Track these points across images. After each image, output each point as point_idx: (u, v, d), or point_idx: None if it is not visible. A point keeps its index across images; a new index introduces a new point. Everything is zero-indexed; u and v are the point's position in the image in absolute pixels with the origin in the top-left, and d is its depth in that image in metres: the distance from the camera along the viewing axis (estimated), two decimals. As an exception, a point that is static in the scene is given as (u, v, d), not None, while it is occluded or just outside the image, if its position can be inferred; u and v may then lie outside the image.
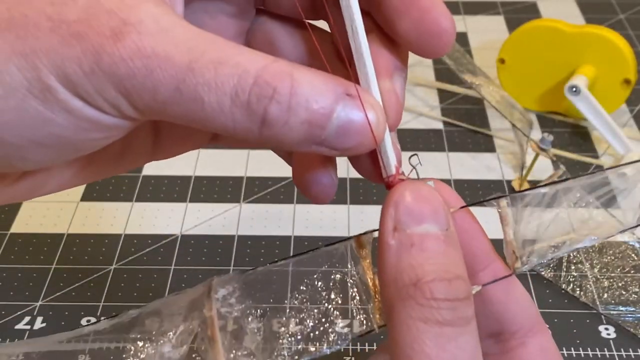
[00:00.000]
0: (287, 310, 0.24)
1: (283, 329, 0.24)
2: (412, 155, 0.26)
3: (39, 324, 0.45)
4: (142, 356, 0.23)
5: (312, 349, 0.23)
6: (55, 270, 0.48)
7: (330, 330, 0.24)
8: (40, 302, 0.46)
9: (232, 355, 0.22)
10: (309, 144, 0.22)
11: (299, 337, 0.23)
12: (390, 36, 0.25)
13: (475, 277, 0.25)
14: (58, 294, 0.47)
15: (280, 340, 0.23)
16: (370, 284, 0.24)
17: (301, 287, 0.24)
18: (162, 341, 0.23)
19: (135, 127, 0.23)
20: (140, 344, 0.23)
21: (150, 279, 0.48)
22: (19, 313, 0.46)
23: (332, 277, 0.24)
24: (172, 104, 0.21)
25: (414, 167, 0.25)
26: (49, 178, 0.27)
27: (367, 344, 0.44)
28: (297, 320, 0.24)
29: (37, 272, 0.48)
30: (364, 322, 0.24)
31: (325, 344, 0.23)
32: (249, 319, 0.24)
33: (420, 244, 0.22)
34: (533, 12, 0.77)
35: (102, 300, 0.46)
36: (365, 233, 0.25)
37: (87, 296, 0.47)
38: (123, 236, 0.51)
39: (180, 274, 0.48)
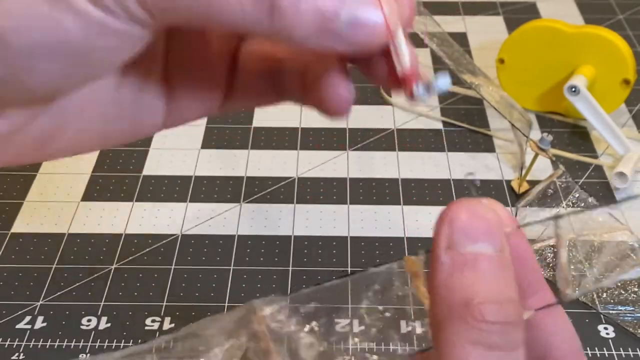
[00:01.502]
0: (341, 325, 0.24)
1: (340, 341, 0.24)
2: (469, 177, 0.24)
3: (39, 323, 0.45)
4: None
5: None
6: (56, 269, 0.49)
7: (389, 343, 0.23)
8: (41, 302, 0.46)
9: None
10: (320, 36, 0.21)
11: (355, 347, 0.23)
12: None
13: (525, 302, 0.24)
14: (59, 293, 0.47)
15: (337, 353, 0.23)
16: (425, 301, 0.23)
17: (351, 304, 0.24)
18: (207, 357, 0.22)
19: (147, 45, 0.23)
20: None
21: (151, 279, 0.48)
22: (19, 312, 0.46)
23: (385, 293, 0.24)
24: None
25: (472, 183, 0.24)
26: (62, 125, 0.25)
27: (367, 344, 0.44)
28: (353, 334, 0.24)
29: (38, 271, 0.48)
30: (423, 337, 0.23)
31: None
32: (301, 334, 0.23)
33: (474, 264, 0.21)
34: (532, 12, 0.78)
35: (103, 300, 0.47)
36: (417, 255, 0.24)
37: (88, 296, 0.47)
38: (123, 236, 0.51)
39: (181, 274, 0.48)
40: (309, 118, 0.63)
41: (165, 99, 0.28)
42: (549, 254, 0.48)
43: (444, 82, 0.23)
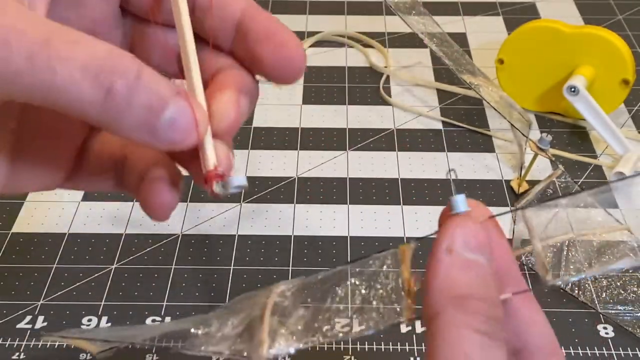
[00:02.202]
0: (330, 301, 0.27)
1: (326, 315, 0.27)
2: (450, 170, 0.27)
3: (40, 323, 0.45)
4: (205, 330, 0.27)
5: (344, 330, 0.27)
6: (57, 269, 0.49)
7: (363, 318, 0.27)
8: (41, 302, 0.47)
9: (274, 331, 0.26)
10: (143, 130, 0.24)
11: (337, 322, 0.27)
12: (250, 64, 0.29)
13: (503, 291, 0.26)
14: (59, 293, 0.47)
15: (321, 324, 0.27)
16: (406, 284, 0.26)
17: (346, 284, 0.28)
18: (226, 325, 0.27)
19: None
20: (203, 329, 0.27)
21: (151, 279, 0.48)
22: (20, 312, 0.46)
23: (373, 276, 0.27)
24: (25, 74, 0.22)
25: (452, 180, 0.27)
26: None
27: (366, 343, 0.44)
28: (338, 310, 0.27)
29: (39, 271, 0.49)
30: (395, 316, 0.27)
31: (357, 328, 0.27)
32: (298, 308, 0.27)
33: (474, 268, 0.24)
34: (532, 12, 0.78)
35: (103, 300, 0.47)
36: (409, 243, 0.27)
37: (88, 295, 0.47)
38: (124, 236, 0.51)
39: (181, 274, 0.48)
40: (309, 118, 0.63)
41: (8, 165, 0.28)
42: (548, 254, 0.48)
43: (238, 180, 0.27)
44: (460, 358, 0.23)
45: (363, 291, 0.27)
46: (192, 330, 0.28)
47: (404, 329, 0.45)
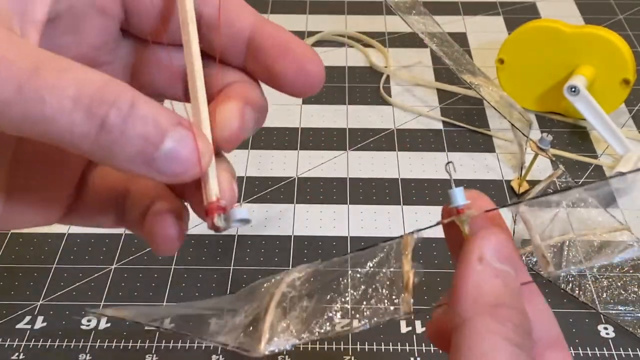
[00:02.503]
0: (332, 293, 0.28)
1: (326, 308, 0.27)
2: (448, 163, 0.27)
3: (39, 323, 0.45)
4: (219, 320, 0.28)
5: (341, 326, 0.27)
6: (56, 269, 0.49)
7: (362, 313, 0.28)
8: (41, 302, 0.46)
9: (275, 325, 0.26)
10: (140, 162, 0.23)
11: (335, 317, 0.28)
12: (267, 80, 0.28)
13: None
14: (59, 293, 0.47)
15: (319, 318, 0.27)
16: (405, 277, 0.27)
17: (349, 277, 0.28)
18: (238, 313, 0.27)
19: None
20: (218, 319, 0.28)
21: (151, 279, 0.48)
22: (19, 312, 0.46)
23: (375, 269, 0.28)
24: (14, 104, 0.21)
25: (450, 173, 0.27)
26: None
27: (366, 344, 0.44)
28: (339, 302, 0.28)
29: (38, 271, 0.48)
30: (393, 311, 0.27)
31: (355, 324, 0.27)
32: (302, 299, 0.27)
33: (504, 278, 0.25)
34: (532, 12, 0.78)
35: (103, 300, 0.47)
36: (411, 232, 0.28)
37: (88, 296, 0.47)
38: (123, 236, 0.51)
39: (181, 274, 0.48)
40: (309, 118, 0.63)
41: (2, 201, 0.28)
42: (549, 254, 0.48)
43: (241, 213, 0.26)
44: None
45: (362, 286, 0.28)
46: (208, 319, 0.28)
47: (404, 328, 0.45)
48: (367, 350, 0.44)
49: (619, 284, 0.47)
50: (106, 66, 0.28)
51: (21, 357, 0.43)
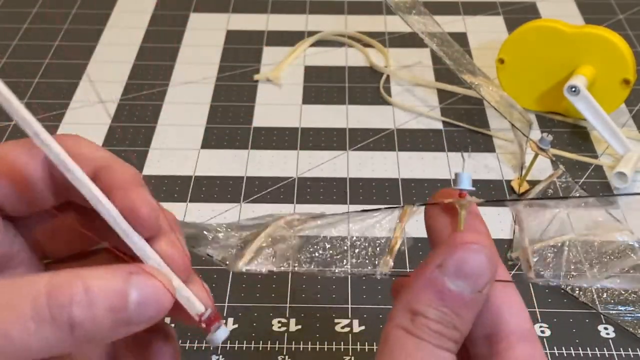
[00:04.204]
0: (322, 239, 0.29)
1: (311, 249, 0.29)
2: (463, 149, 0.28)
3: (39, 323, 0.45)
4: (214, 235, 0.30)
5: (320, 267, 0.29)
6: (56, 270, 0.48)
7: (343, 260, 0.29)
8: (40, 302, 0.46)
9: (260, 250, 0.28)
10: (119, 328, 0.24)
11: (317, 257, 0.29)
12: None
13: (499, 351, 0.27)
14: (58, 293, 0.47)
15: (302, 255, 0.29)
16: (392, 242, 0.28)
17: (343, 226, 0.30)
18: (233, 237, 0.29)
19: None
20: (215, 234, 0.30)
21: (151, 279, 0.48)
22: (19, 313, 0.46)
23: (369, 228, 0.29)
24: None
25: (463, 158, 0.28)
26: None
27: (367, 344, 0.44)
28: (325, 248, 0.29)
29: (38, 272, 0.48)
30: (370, 267, 0.29)
31: (334, 269, 0.29)
32: (294, 238, 0.29)
33: (443, 293, 0.26)
34: (532, 12, 0.78)
35: (103, 300, 0.46)
36: (412, 205, 0.29)
37: (88, 296, 0.47)
38: (123, 236, 0.51)
39: (181, 274, 0.48)
40: (309, 118, 0.63)
41: None
42: (549, 254, 0.48)
43: (223, 333, 0.27)
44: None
45: (354, 238, 0.29)
46: (205, 232, 0.30)
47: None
48: (367, 350, 0.43)
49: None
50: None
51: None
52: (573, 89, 0.57)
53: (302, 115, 0.63)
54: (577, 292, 0.47)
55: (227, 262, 0.28)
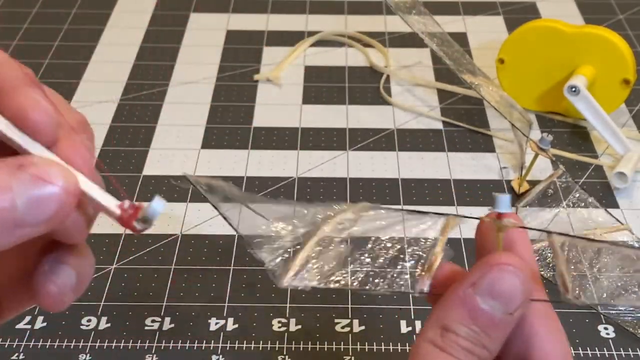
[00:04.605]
0: (368, 246, 0.29)
1: (354, 261, 0.29)
2: (503, 167, 0.29)
3: (39, 323, 0.45)
4: (271, 233, 0.29)
5: (359, 282, 0.29)
6: (56, 270, 0.48)
7: (381, 277, 0.29)
8: (40, 302, 0.46)
9: (307, 261, 0.28)
10: (9, 231, 0.21)
11: (357, 273, 0.29)
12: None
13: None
14: (59, 293, 0.47)
15: (343, 268, 0.28)
16: (432, 258, 0.28)
17: (391, 235, 0.29)
18: (288, 235, 0.29)
19: None
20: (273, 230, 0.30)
21: (151, 279, 0.48)
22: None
23: (412, 240, 0.29)
24: None
25: (503, 176, 0.28)
26: None
27: (367, 344, 0.44)
28: (370, 257, 0.29)
29: (38, 272, 0.48)
30: (406, 286, 0.29)
31: (376, 287, 0.29)
32: (341, 243, 0.29)
33: (475, 312, 0.26)
34: (532, 12, 0.78)
35: (103, 300, 0.47)
36: (456, 216, 0.29)
37: (88, 296, 0.47)
38: (123, 236, 0.51)
39: (181, 274, 0.48)
40: (309, 118, 0.63)
41: None
42: (548, 254, 0.48)
43: (157, 205, 0.24)
44: None
45: (393, 250, 0.29)
46: (264, 227, 0.30)
47: (404, 329, 0.45)
48: (367, 350, 0.43)
49: (619, 284, 0.47)
50: None
51: (21, 357, 0.43)
52: (573, 89, 0.57)
53: (302, 115, 0.63)
54: (577, 292, 0.47)
55: (275, 277, 0.28)
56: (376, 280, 0.28)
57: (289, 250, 0.28)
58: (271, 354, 0.43)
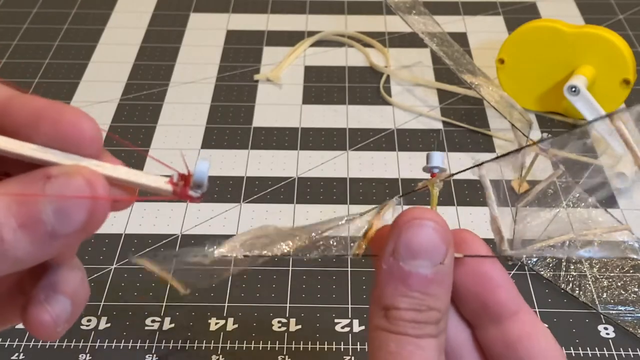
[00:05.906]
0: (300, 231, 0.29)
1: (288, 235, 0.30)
2: (432, 133, 0.29)
3: (39, 323, 0.45)
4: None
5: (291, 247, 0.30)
6: (56, 270, 0.49)
7: (318, 243, 0.29)
8: (40, 302, 0.46)
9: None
10: (43, 244, 0.21)
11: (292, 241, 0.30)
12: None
13: (500, 323, 0.27)
14: (58, 293, 0.47)
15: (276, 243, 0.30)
16: (369, 226, 0.28)
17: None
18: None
19: None
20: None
21: (151, 279, 0.48)
22: (19, 313, 0.46)
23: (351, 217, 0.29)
24: None
25: (434, 143, 0.28)
26: None
27: (367, 344, 0.44)
28: (300, 233, 0.29)
29: (38, 272, 0.48)
30: (344, 250, 0.29)
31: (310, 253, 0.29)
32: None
33: (405, 279, 0.25)
34: (532, 12, 0.78)
35: (103, 300, 0.47)
36: (395, 197, 0.30)
37: (88, 296, 0.47)
38: (123, 236, 0.51)
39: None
40: (309, 118, 0.63)
41: None
42: (549, 254, 0.48)
43: (202, 166, 0.24)
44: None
45: (329, 231, 0.29)
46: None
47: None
48: (367, 350, 0.43)
49: (619, 284, 0.47)
50: None
51: (21, 357, 0.43)
52: (573, 89, 0.57)
53: (302, 115, 0.63)
54: (577, 292, 0.47)
55: (207, 253, 0.28)
56: (312, 251, 0.29)
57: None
58: (271, 354, 0.43)
